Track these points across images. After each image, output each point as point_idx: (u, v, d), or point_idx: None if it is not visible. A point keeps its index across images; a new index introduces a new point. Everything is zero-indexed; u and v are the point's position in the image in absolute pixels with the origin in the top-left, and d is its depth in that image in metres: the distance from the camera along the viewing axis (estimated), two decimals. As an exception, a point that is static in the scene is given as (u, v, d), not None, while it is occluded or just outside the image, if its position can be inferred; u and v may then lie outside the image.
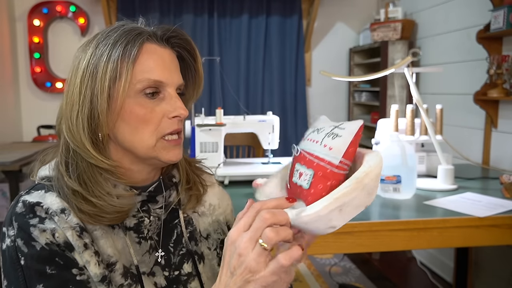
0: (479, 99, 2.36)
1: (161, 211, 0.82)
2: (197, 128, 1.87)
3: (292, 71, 3.70)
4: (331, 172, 0.60)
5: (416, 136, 1.96)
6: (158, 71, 0.73)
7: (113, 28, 0.75)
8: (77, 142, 0.72)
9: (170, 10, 3.51)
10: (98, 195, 0.72)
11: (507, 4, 2.11)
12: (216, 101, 3.58)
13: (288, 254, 0.58)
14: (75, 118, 0.72)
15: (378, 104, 3.27)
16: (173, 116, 0.75)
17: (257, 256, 0.58)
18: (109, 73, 0.71)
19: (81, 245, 0.71)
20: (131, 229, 0.78)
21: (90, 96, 0.71)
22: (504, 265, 2.30)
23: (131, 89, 0.72)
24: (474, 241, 1.56)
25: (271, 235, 0.58)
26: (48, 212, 0.71)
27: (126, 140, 0.74)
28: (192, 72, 0.83)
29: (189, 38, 0.80)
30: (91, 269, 0.71)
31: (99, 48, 0.73)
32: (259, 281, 0.58)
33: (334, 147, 0.60)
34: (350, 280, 2.83)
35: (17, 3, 3.49)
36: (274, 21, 3.64)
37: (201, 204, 0.89)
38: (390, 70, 1.86)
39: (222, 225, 0.91)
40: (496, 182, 1.90)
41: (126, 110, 0.73)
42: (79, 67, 0.73)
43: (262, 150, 2.40)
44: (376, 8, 3.74)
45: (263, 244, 0.58)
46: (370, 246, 1.45)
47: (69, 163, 0.74)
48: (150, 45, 0.74)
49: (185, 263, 0.82)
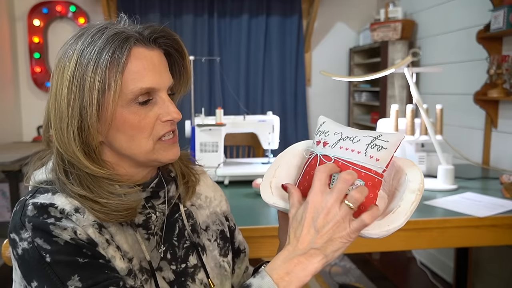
0: (479, 99, 2.36)
1: (164, 206, 0.82)
2: (197, 128, 1.87)
3: (292, 71, 3.70)
4: (378, 181, 0.66)
5: (416, 136, 1.96)
6: (149, 78, 0.72)
7: (98, 31, 0.72)
8: (70, 153, 0.71)
9: (170, 10, 3.51)
10: (105, 196, 0.72)
11: (507, 4, 2.11)
12: (216, 101, 3.58)
13: (370, 214, 0.64)
14: (65, 130, 0.71)
15: (378, 104, 3.27)
16: (166, 120, 0.75)
17: (345, 215, 0.63)
18: (98, 84, 0.69)
19: (104, 241, 0.71)
20: (139, 226, 0.78)
21: (79, 108, 0.70)
22: (504, 265, 2.30)
23: (122, 99, 0.71)
24: (474, 241, 1.56)
25: (357, 195, 0.63)
26: (63, 212, 0.69)
27: (123, 147, 0.74)
28: (180, 68, 0.83)
29: (177, 38, 0.79)
30: (117, 263, 0.71)
31: (84, 55, 0.70)
32: (343, 237, 0.64)
33: (381, 159, 0.66)
34: (350, 280, 2.83)
35: (17, 3, 3.49)
36: (274, 21, 3.64)
37: (197, 197, 0.90)
38: (390, 70, 1.86)
39: (219, 216, 0.92)
40: (496, 182, 1.90)
41: (119, 120, 0.71)
42: (64, 76, 0.71)
43: (262, 150, 2.40)
44: (376, 8, 3.74)
45: (349, 204, 0.63)
46: (370, 246, 1.45)
47: (68, 172, 0.73)
48: (138, 49, 0.72)
49: (190, 255, 0.83)
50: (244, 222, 1.37)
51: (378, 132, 0.68)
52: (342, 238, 0.64)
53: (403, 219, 0.65)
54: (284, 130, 3.65)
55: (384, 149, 0.66)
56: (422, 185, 0.67)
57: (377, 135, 0.67)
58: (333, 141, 0.69)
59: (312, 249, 0.64)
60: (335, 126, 0.71)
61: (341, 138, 0.69)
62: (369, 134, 0.68)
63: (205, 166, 0.98)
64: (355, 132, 0.69)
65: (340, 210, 0.63)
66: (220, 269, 0.87)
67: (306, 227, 0.65)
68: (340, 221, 0.63)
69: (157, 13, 3.49)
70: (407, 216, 0.65)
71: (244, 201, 1.66)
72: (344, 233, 0.64)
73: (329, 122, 0.73)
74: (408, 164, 0.70)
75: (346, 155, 0.67)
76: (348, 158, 0.67)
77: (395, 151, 0.67)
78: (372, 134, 0.68)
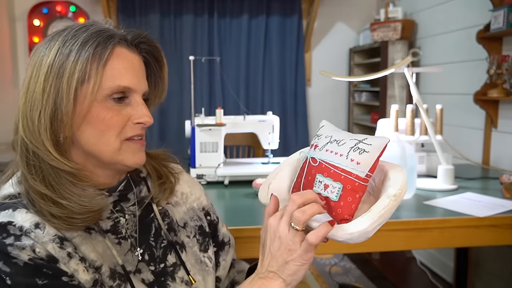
0: (479, 99, 2.36)
1: (135, 208, 0.81)
2: (197, 128, 1.87)
3: (292, 71, 3.70)
4: (359, 185, 0.65)
5: (416, 136, 1.96)
6: (128, 77, 0.73)
7: (82, 27, 0.73)
8: (38, 143, 0.70)
9: (170, 10, 3.51)
10: (67, 196, 0.71)
11: (507, 4, 2.11)
12: (216, 101, 3.58)
13: (315, 233, 0.63)
14: (36, 117, 0.70)
15: (378, 104, 3.27)
16: (137, 122, 0.75)
17: (292, 237, 0.64)
18: (77, 74, 0.69)
19: (65, 256, 0.69)
20: (108, 232, 0.77)
21: (54, 96, 0.69)
22: (504, 265, 2.30)
23: (100, 93, 0.71)
24: (474, 241, 1.56)
25: (297, 215, 0.63)
26: (22, 230, 0.68)
27: (90, 143, 0.73)
28: (156, 78, 0.83)
29: (158, 46, 0.80)
30: (81, 276, 0.70)
31: (66, 46, 0.70)
32: (296, 260, 0.64)
33: (362, 162, 0.65)
34: (350, 280, 2.83)
35: (17, 3, 3.49)
36: (274, 21, 3.64)
37: (173, 195, 0.89)
38: (390, 70, 1.86)
39: (197, 211, 0.91)
40: (496, 182, 1.90)
41: (92, 114, 0.71)
42: (42, 64, 0.70)
43: (262, 150, 2.40)
44: (376, 8, 3.74)
45: (294, 226, 0.64)
46: (370, 246, 1.45)
47: (31, 164, 0.72)
48: (121, 49, 0.73)
49: (168, 255, 0.82)
50: (244, 222, 1.37)
51: (365, 136, 0.67)
52: (295, 261, 0.64)
53: (369, 223, 0.63)
54: (284, 130, 3.65)
55: (366, 153, 0.65)
56: (400, 192, 0.65)
57: (362, 139, 0.67)
58: (322, 144, 0.70)
59: (270, 272, 0.66)
60: (330, 130, 0.72)
61: (329, 141, 0.69)
62: (355, 137, 0.67)
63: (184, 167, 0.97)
64: (345, 136, 0.69)
65: (288, 233, 0.64)
66: (201, 264, 0.86)
67: (266, 251, 0.67)
68: (290, 244, 0.64)
69: (157, 13, 3.49)
70: (373, 220, 0.63)
71: (244, 201, 1.66)
72: (296, 255, 0.64)
73: (327, 126, 0.73)
74: (394, 169, 0.69)
75: (329, 158, 0.67)
76: (331, 161, 0.67)
77: (379, 155, 0.65)
78: (358, 138, 0.67)
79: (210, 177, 1.87)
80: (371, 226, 0.63)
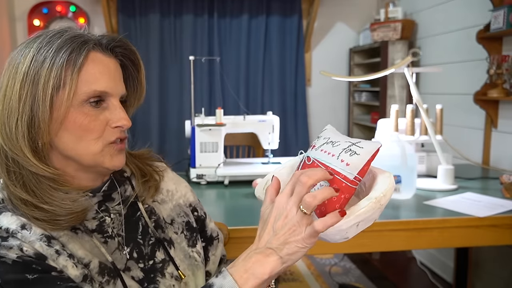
0: (479, 99, 2.36)
1: (120, 207, 0.82)
2: (197, 128, 1.87)
3: (292, 71, 3.70)
4: (346, 186, 0.65)
5: (416, 136, 1.96)
6: (103, 81, 0.73)
7: (56, 33, 0.73)
8: (16, 150, 0.71)
9: (170, 10, 3.51)
10: (48, 201, 0.71)
11: (507, 4, 2.11)
12: (216, 101, 3.58)
13: (323, 221, 0.63)
14: (13, 125, 0.70)
15: (378, 104, 3.27)
16: (115, 126, 0.75)
17: (299, 219, 0.63)
18: (52, 81, 0.69)
19: (53, 253, 0.70)
20: (94, 231, 0.78)
21: (31, 103, 0.70)
22: (504, 265, 2.30)
23: (76, 98, 0.71)
24: (474, 241, 1.56)
25: (308, 200, 0.62)
26: (9, 231, 0.69)
27: (69, 148, 0.73)
28: (134, 81, 0.83)
29: (134, 49, 0.81)
30: (70, 272, 0.70)
31: (40, 53, 0.70)
32: (299, 242, 0.64)
33: (351, 164, 0.65)
34: (350, 280, 2.83)
35: (17, 3, 3.49)
36: (274, 21, 3.64)
37: (159, 192, 0.90)
38: (390, 70, 1.86)
39: (184, 208, 0.92)
40: (496, 182, 1.90)
41: (69, 120, 0.72)
42: (17, 71, 0.71)
43: (262, 150, 2.40)
44: (376, 8, 3.74)
45: (303, 209, 0.63)
46: (370, 246, 1.45)
47: (11, 171, 0.72)
48: (95, 53, 0.74)
49: (157, 251, 0.83)
50: (243, 222, 1.37)
51: (359, 139, 0.68)
52: (297, 243, 0.64)
53: (343, 221, 0.64)
54: (284, 130, 3.65)
55: (357, 155, 0.65)
56: (382, 196, 0.65)
57: (356, 142, 0.67)
58: (319, 144, 0.71)
59: (268, 248, 0.65)
60: (330, 133, 0.73)
61: (326, 142, 0.70)
62: (351, 140, 0.68)
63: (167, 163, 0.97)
64: (342, 139, 0.69)
65: (296, 214, 0.64)
66: (190, 259, 0.87)
67: (268, 227, 0.66)
68: (296, 225, 0.64)
69: (157, 13, 3.49)
70: (348, 219, 0.64)
71: (244, 201, 1.66)
72: (299, 237, 0.64)
73: (329, 129, 0.74)
74: (383, 174, 0.69)
75: (322, 157, 0.68)
76: (323, 160, 0.67)
77: (370, 159, 0.66)
78: (353, 141, 0.68)
79: (210, 177, 1.87)
80: (346, 224, 0.64)
